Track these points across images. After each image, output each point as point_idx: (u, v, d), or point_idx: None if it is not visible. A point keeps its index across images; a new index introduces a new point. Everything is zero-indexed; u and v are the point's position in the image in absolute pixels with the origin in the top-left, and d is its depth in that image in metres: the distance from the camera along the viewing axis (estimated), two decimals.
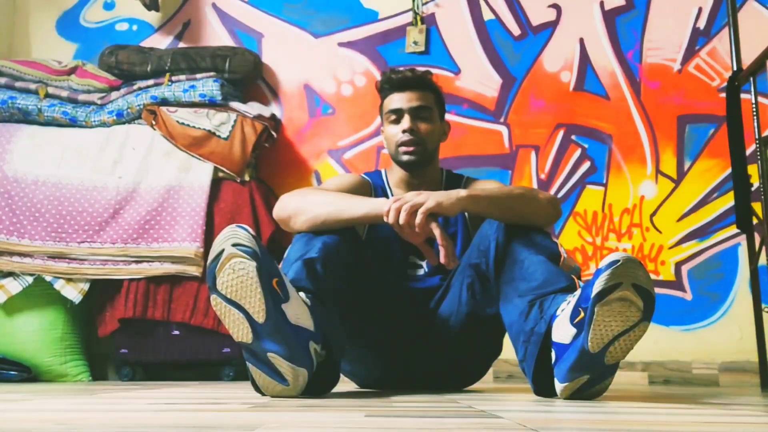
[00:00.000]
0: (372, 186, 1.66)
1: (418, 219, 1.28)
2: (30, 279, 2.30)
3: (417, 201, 1.30)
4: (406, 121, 1.59)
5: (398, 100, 1.61)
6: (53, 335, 2.31)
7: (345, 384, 1.64)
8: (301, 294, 1.19)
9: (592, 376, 1.14)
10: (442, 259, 1.31)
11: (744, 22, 2.42)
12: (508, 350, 1.41)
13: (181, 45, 2.88)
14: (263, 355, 1.11)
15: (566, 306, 1.17)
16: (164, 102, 2.53)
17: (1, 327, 2.29)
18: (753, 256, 2.13)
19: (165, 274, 2.33)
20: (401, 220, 1.29)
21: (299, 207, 1.39)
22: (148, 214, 2.37)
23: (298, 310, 1.13)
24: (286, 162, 2.76)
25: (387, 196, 1.64)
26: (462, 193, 1.34)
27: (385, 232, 1.55)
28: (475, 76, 2.76)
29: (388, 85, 1.63)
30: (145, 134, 2.48)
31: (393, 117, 1.61)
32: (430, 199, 1.30)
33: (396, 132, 1.61)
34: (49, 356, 2.29)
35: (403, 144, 1.59)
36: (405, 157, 1.60)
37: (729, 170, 2.39)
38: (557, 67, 2.74)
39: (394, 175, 1.68)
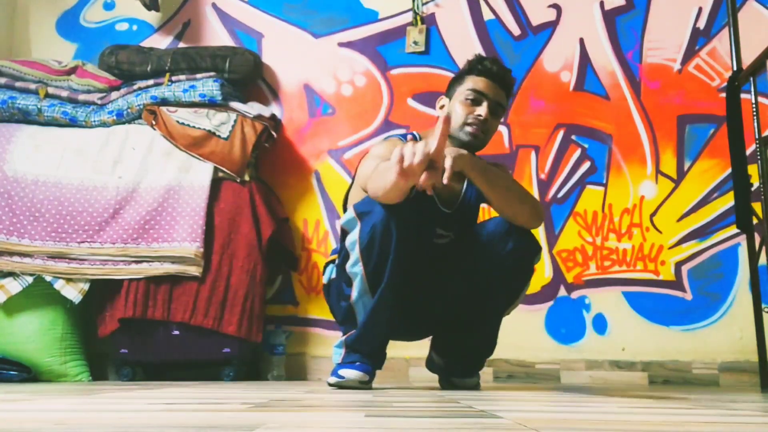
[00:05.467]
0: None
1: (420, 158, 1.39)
2: (30, 279, 2.30)
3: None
4: (484, 109, 1.68)
5: (486, 86, 1.69)
6: (53, 335, 2.31)
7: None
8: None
9: None
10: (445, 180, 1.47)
11: (744, 22, 2.42)
12: (508, 350, 1.41)
13: (181, 45, 2.87)
14: None
15: None
16: (164, 102, 2.53)
17: (1, 327, 2.29)
18: (753, 256, 2.13)
19: (165, 274, 2.33)
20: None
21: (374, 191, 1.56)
22: (148, 214, 2.37)
23: None
24: (286, 162, 2.76)
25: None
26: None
27: (419, 204, 1.63)
28: None
29: (481, 67, 1.71)
30: (145, 134, 2.48)
31: (472, 97, 1.69)
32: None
33: (469, 113, 1.69)
34: (49, 356, 2.29)
35: (471, 124, 1.68)
36: (467, 137, 1.69)
37: (729, 170, 2.39)
38: (557, 67, 2.74)
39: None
